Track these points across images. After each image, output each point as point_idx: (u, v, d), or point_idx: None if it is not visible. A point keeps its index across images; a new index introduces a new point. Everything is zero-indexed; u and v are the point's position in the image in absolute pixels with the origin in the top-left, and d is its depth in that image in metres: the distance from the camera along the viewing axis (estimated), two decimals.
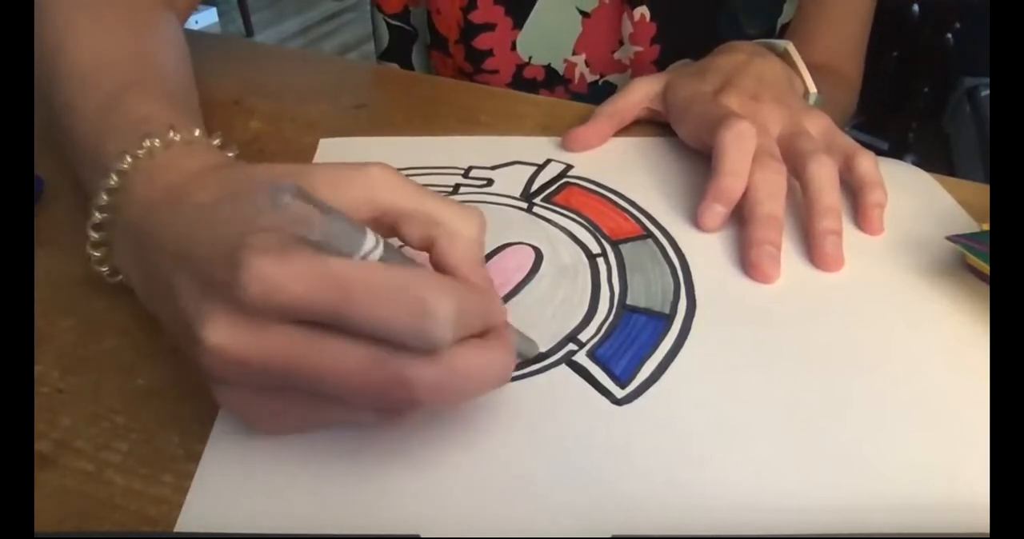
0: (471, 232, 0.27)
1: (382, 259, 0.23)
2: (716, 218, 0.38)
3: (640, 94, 0.47)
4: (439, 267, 0.26)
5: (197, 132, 0.31)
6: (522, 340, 0.29)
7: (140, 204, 0.29)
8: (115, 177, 0.29)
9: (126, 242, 0.30)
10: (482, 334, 0.24)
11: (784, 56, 0.49)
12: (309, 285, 0.21)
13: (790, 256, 0.37)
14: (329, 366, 0.22)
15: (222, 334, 0.22)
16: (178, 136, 0.30)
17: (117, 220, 0.30)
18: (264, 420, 0.26)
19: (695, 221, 0.39)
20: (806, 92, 0.48)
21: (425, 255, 0.27)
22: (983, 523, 0.25)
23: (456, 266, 0.26)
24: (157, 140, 0.30)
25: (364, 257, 0.22)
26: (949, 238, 0.35)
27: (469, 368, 0.23)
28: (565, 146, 0.45)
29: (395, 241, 0.26)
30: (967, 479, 0.27)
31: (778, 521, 0.25)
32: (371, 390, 0.22)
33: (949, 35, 0.82)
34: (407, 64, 0.67)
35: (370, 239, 0.22)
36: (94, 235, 0.31)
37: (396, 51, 0.66)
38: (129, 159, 0.29)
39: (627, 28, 0.58)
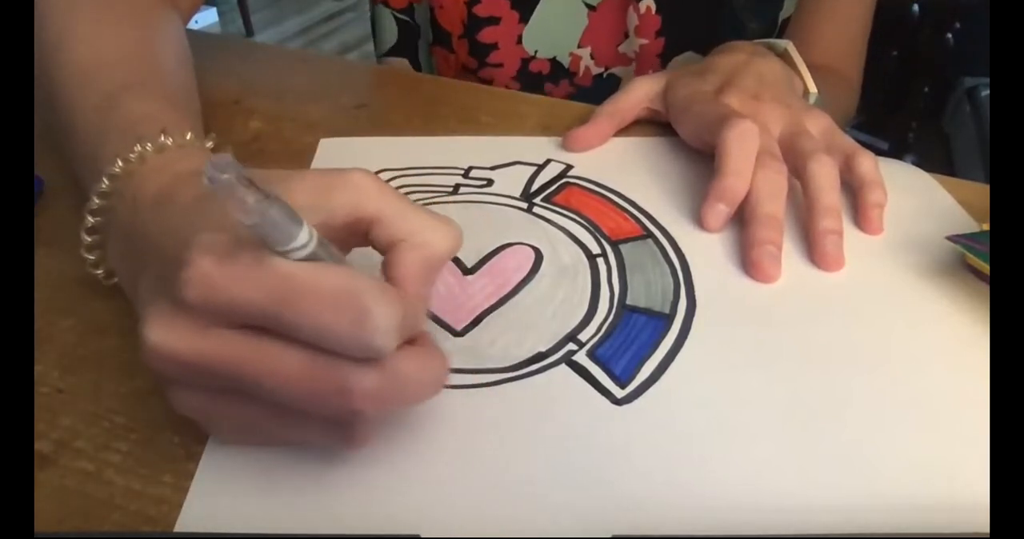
0: (443, 247, 0.26)
1: (312, 254, 0.22)
2: (719, 218, 0.38)
3: (640, 94, 0.47)
4: (390, 269, 0.25)
5: (189, 135, 0.31)
6: None
7: (129, 207, 0.29)
8: (106, 181, 0.30)
9: (117, 244, 0.30)
10: (412, 341, 0.24)
11: (784, 56, 0.49)
12: (250, 288, 0.21)
13: (790, 256, 0.37)
14: (268, 370, 0.22)
15: (161, 333, 0.22)
16: (170, 140, 0.30)
17: (110, 222, 0.30)
18: (221, 429, 0.26)
19: (698, 221, 0.39)
20: (806, 92, 0.48)
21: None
22: (983, 523, 0.25)
23: (405, 276, 0.25)
24: (149, 144, 0.30)
25: (297, 249, 0.21)
26: (949, 238, 0.35)
27: (408, 375, 0.23)
28: (566, 146, 0.45)
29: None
30: (967, 479, 0.27)
31: (778, 521, 0.25)
32: (311, 397, 0.22)
33: (949, 35, 0.82)
34: (415, 59, 0.67)
35: (304, 233, 0.21)
36: (87, 238, 0.31)
37: (404, 46, 0.66)
38: (121, 163, 0.29)
39: (632, 21, 0.58)
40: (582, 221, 0.39)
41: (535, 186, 0.42)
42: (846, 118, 0.66)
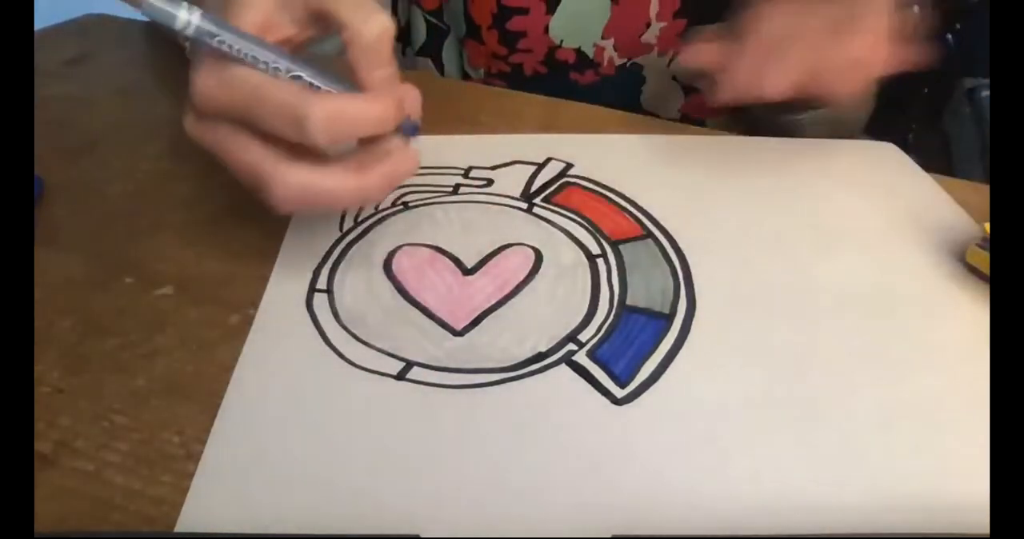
0: (368, 36, 0.30)
1: (199, 29, 0.28)
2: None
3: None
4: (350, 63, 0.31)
5: None
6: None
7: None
8: None
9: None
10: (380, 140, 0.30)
11: None
12: (229, 94, 0.28)
13: (790, 256, 0.37)
14: (231, 158, 0.30)
15: (189, 122, 0.30)
16: None
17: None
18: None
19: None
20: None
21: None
22: (983, 523, 0.25)
23: (352, 67, 0.30)
24: None
25: (183, 28, 0.28)
26: (979, 245, 0.35)
27: (324, 187, 0.29)
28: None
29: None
30: (967, 479, 0.27)
31: (778, 521, 0.25)
32: (248, 186, 0.30)
33: (949, 35, 0.82)
34: (438, 60, 0.68)
35: (183, 14, 0.28)
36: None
37: (430, 47, 0.67)
38: None
39: (654, 8, 0.58)
40: (582, 221, 0.39)
41: (535, 186, 0.42)
42: (858, 120, 0.66)
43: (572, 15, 0.59)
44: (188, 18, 0.28)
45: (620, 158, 0.44)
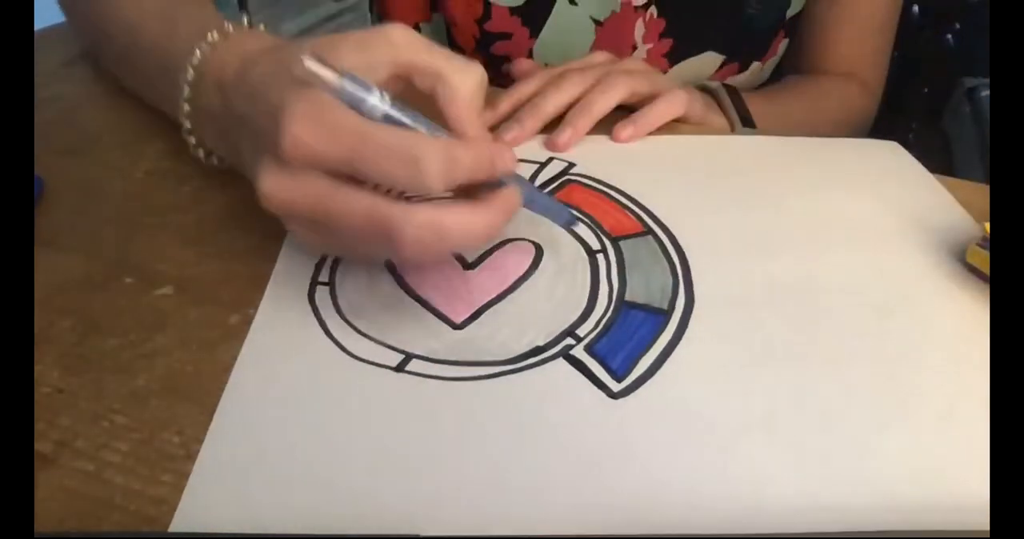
0: (467, 87, 0.31)
1: (387, 116, 0.28)
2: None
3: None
4: (439, 115, 0.31)
5: (245, 20, 0.37)
6: (546, 203, 0.35)
7: (214, 87, 0.34)
8: (191, 70, 0.35)
9: (210, 126, 0.36)
10: (484, 190, 0.29)
11: (715, 93, 0.53)
12: (329, 143, 0.26)
13: (790, 254, 0.37)
14: (340, 210, 0.27)
15: (269, 182, 0.28)
16: (232, 27, 0.36)
17: (199, 106, 0.36)
18: (321, 248, 0.34)
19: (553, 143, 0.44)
20: (733, 128, 0.51)
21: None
22: (983, 523, 0.25)
23: (448, 117, 0.31)
24: (216, 32, 0.35)
25: (371, 109, 0.28)
26: (980, 244, 0.35)
27: (449, 225, 0.27)
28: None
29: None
30: (967, 479, 0.27)
31: (774, 518, 0.25)
32: (368, 235, 0.27)
33: (949, 35, 0.82)
34: None
35: (375, 96, 0.28)
36: (187, 123, 0.37)
37: None
38: (199, 52, 0.35)
39: (640, 31, 0.58)
40: (583, 218, 0.39)
41: (537, 183, 0.42)
42: (861, 121, 0.67)
43: (556, 39, 0.59)
44: (379, 104, 0.28)
45: (621, 157, 0.44)
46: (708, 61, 0.61)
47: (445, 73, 0.31)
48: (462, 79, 0.31)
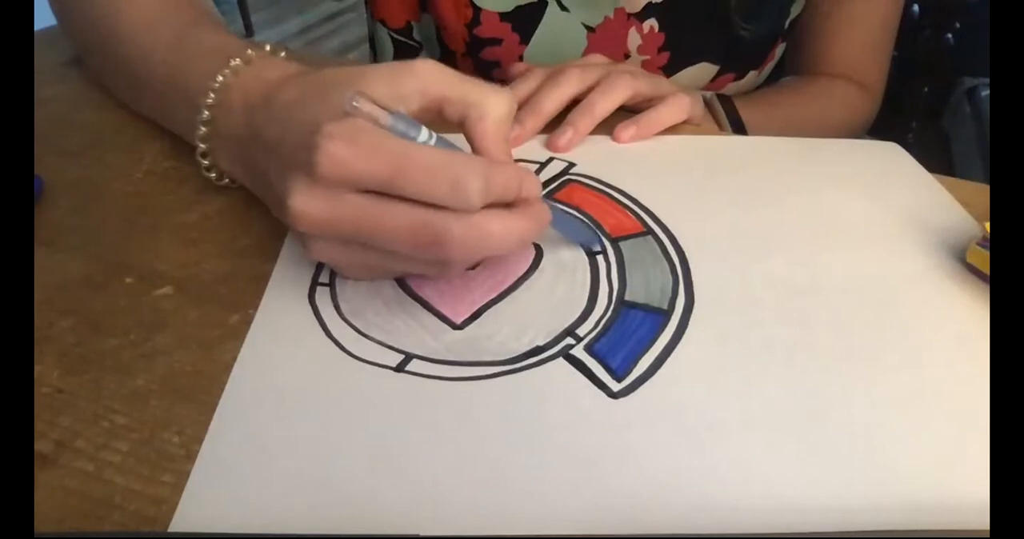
0: (498, 112, 0.32)
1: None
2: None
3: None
4: (470, 141, 0.32)
5: (268, 47, 0.38)
6: (570, 224, 0.36)
7: (238, 112, 0.35)
8: (212, 94, 0.36)
9: (228, 146, 0.36)
10: (514, 204, 0.30)
11: (708, 103, 0.54)
12: (369, 161, 0.27)
13: (790, 254, 0.37)
14: (385, 225, 0.28)
15: (302, 201, 0.28)
16: (255, 53, 0.36)
17: (218, 130, 0.36)
18: (348, 269, 0.33)
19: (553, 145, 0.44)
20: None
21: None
22: (983, 523, 0.25)
23: (479, 142, 0.32)
24: (239, 59, 0.36)
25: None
26: (980, 244, 0.35)
27: (492, 229, 0.28)
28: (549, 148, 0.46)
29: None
30: (967, 479, 0.27)
31: (774, 519, 0.25)
32: (415, 246, 0.28)
33: (949, 35, 0.82)
34: None
35: (424, 133, 0.29)
36: (202, 146, 0.37)
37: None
38: (220, 78, 0.35)
39: (635, 40, 0.58)
40: (583, 218, 0.39)
41: None
42: (862, 122, 0.66)
43: (547, 44, 0.59)
44: (427, 141, 0.29)
45: (621, 157, 0.45)
46: (704, 71, 0.61)
47: (478, 97, 0.31)
48: (495, 103, 0.32)
